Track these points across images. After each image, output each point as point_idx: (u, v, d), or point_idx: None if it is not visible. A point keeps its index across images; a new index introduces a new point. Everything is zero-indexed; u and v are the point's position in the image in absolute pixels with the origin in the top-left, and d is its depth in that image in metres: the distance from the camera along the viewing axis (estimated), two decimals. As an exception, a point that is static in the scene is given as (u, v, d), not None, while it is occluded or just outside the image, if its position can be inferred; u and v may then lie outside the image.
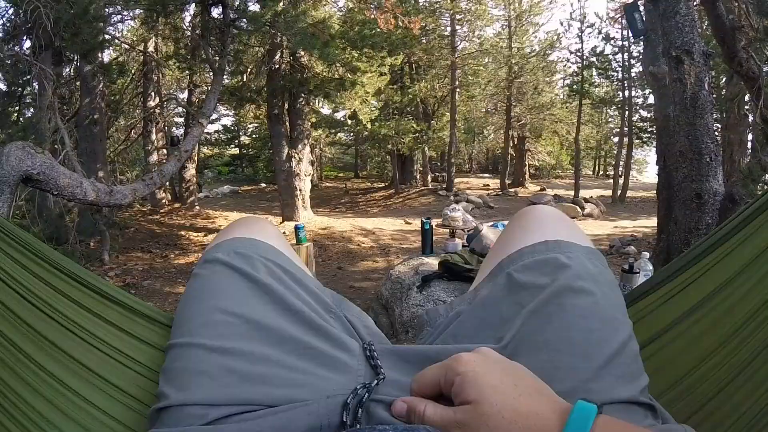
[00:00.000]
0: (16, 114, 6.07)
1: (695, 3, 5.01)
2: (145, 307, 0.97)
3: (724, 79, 11.26)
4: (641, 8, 5.37)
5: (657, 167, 6.46)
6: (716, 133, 4.92)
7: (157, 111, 13.07)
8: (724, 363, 0.87)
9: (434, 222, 4.95)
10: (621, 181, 18.80)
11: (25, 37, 5.16)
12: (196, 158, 16.42)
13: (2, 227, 0.90)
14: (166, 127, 15.70)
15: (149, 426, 0.72)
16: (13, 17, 5.21)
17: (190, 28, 9.79)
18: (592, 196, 17.45)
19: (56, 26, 4.69)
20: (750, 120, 9.09)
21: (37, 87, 5.09)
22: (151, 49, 12.48)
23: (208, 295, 0.82)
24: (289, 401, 0.68)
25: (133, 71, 12.49)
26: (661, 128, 5.58)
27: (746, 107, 8.91)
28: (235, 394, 0.68)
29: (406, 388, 0.67)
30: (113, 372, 0.85)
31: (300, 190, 12.43)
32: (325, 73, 11.67)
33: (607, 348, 0.69)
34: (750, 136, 9.45)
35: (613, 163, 22.12)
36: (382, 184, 24.43)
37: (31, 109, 5.53)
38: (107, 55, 12.18)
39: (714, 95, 4.87)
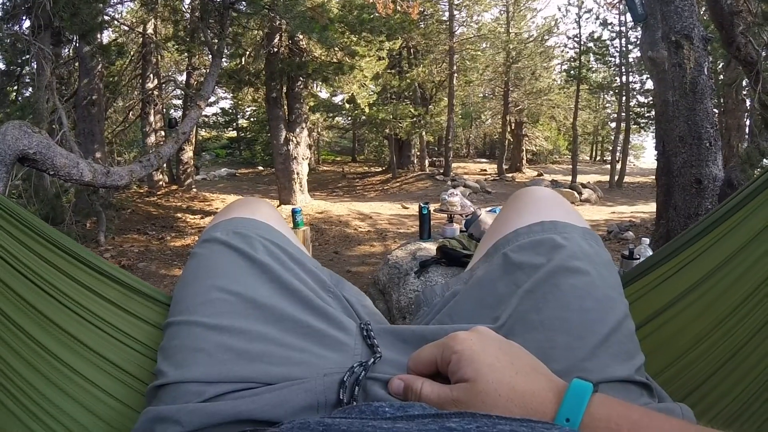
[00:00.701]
0: (14, 94, 6.05)
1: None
2: (144, 286, 0.97)
3: (722, 64, 11.26)
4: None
5: (656, 152, 6.46)
6: (715, 118, 4.90)
7: (156, 93, 13.01)
8: (720, 343, 0.88)
9: (432, 207, 4.95)
10: (618, 166, 18.82)
11: (24, 17, 5.13)
12: (193, 141, 16.37)
13: (1, 204, 0.89)
14: (164, 109, 15.64)
15: (147, 403, 0.72)
16: None
17: (189, 10, 9.72)
18: (589, 182, 17.49)
19: (55, 6, 4.66)
20: (748, 105, 9.10)
21: (35, 67, 5.06)
22: (150, 31, 12.41)
23: (206, 273, 0.83)
24: (285, 379, 0.68)
25: (132, 53, 12.41)
26: (660, 113, 5.57)
27: (743, 92, 8.93)
28: (233, 372, 0.68)
29: (403, 367, 0.69)
30: (111, 350, 0.86)
31: (297, 173, 12.41)
32: (323, 57, 11.63)
33: (603, 327, 0.69)
34: (748, 122, 9.48)
35: (611, 148, 22.13)
36: (380, 169, 24.40)
37: (30, 89, 5.51)
38: (106, 36, 12.14)
39: (712, 80, 4.85)
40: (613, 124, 23.54)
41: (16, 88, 5.98)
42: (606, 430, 0.49)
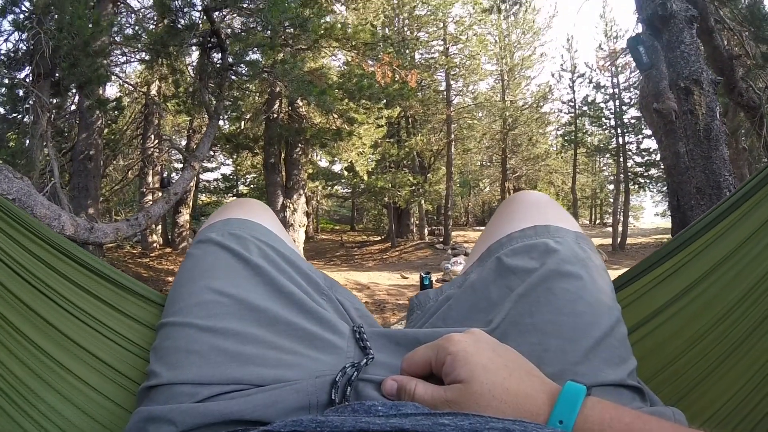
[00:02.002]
0: (13, 141, 6.03)
1: (696, 33, 5.00)
2: (138, 286, 0.97)
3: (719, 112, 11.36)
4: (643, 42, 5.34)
5: (663, 210, 6.34)
6: (730, 165, 4.79)
7: (155, 153, 13.08)
8: (716, 344, 0.89)
9: (434, 276, 4.75)
10: (619, 228, 18.81)
11: (26, 65, 5.18)
12: (191, 204, 16.40)
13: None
14: (163, 170, 15.74)
15: (138, 404, 0.72)
16: (16, 41, 5.27)
17: (192, 72, 9.88)
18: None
19: (54, 54, 4.68)
20: (747, 153, 9.08)
21: (32, 115, 5.06)
22: (153, 92, 12.61)
23: (200, 274, 0.83)
24: (278, 381, 0.68)
25: (134, 113, 12.61)
26: (671, 167, 5.47)
27: (742, 140, 8.92)
28: (226, 373, 0.68)
29: (396, 369, 0.69)
30: (104, 349, 0.86)
31: (294, 240, 12.18)
32: (322, 123, 11.76)
33: (595, 331, 0.70)
34: (748, 171, 9.44)
35: (610, 210, 22.28)
36: (379, 238, 24.47)
37: (28, 138, 5.52)
38: (111, 94, 12.37)
39: (725, 125, 4.80)
40: (612, 186, 23.76)
41: (15, 136, 5.99)
42: (601, 426, 0.50)
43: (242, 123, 12.04)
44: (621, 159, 20.06)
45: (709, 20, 5.17)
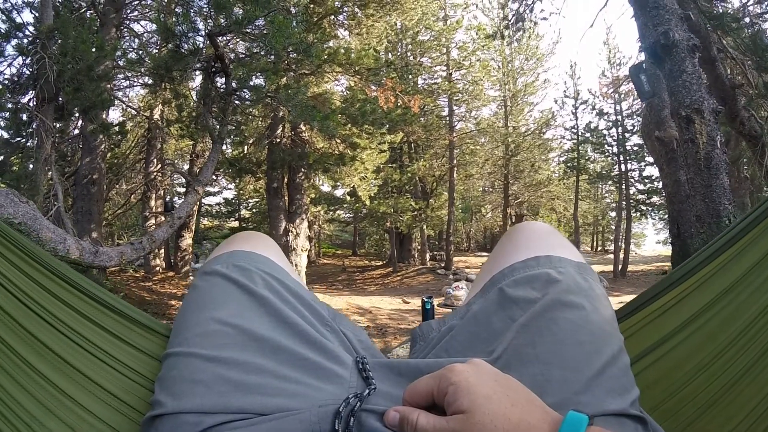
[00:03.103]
0: (17, 165, 6.06)
1: (698, 62, 5.03)
2: (144, 317, 0.98)
3: (722, 140, 11.38)
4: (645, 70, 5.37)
5: (664, 237, 6.32)
6: (730, 194, 4.79)
7: (158, 178, 13.13)
8: (720, 373, 0.89)
9: (435, 300, 4.74)
10: (621, 255, 18.74)
11: (30, 89, 5.22)
12: (194, 228, 16.40)
13: (2, 232, 0.90)
14: (166, 195, 15.78)
15: None
16: (20, 66, 5.30)
17: (195, 98, 9.95)
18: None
19: (59, 79, 4.72)
20: (748, 183, 9.06)
21: (36, 139, 5.09)
22: (156, 116, 12.70)
23: (205, 305, 0.84)
24: (281, 410, 0.69)
25: (137, 136, 12.66)
26: (672, 195, 5.43)
27: (745, 168, 8.91)
28: (229, 403, 0.69)
29: (398, 399, 0.67)
30: (109, 379, 0.86)
31: (296, 265, 12.28)
32: (325, 148, 11.79)
33: (597, 361, 0.70)
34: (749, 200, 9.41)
35: (612, 237, 22.21)
36: (380, 262, 24.46)
37: (32, 161, 5.54)
38: (114, 118, 12.46)
39: (726, 155, 4.80)
40: (614, 213, 23.75)
41: (19, 160, 6.03)
42: None
43: (245, 147, 12.09)
44: (623, 186, 20.07)
45: (711, 49, 5.21)
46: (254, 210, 28.85)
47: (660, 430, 0.73)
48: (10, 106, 5.14)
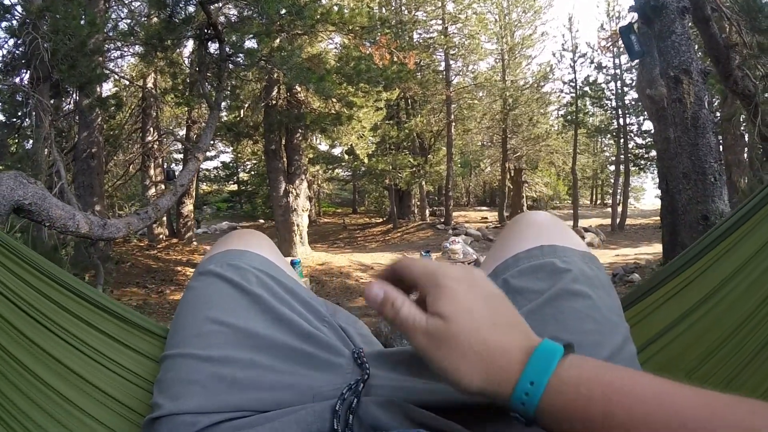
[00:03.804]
0: (15, 146, 6.09)
1: (688, 23, 5.04)
2: (143, 320, 0.98)
3: (718, 100, 11.35)
4: (636, 30, 5.38)
5: (659, 192, 6.41)
6: (718, 152, 4.86)
7: (156, 146, 13.11)
8: (729, 357, 0.88)
9: (434, 255, 4.85)
10: (619, 209, 18.83)
11: (24, 69, 5.21)
12: (194, 194, 16.44)
13: (1, 240, 0.91)
14: (164, 163, 15.76)
15: None
16: (12, 48, 5.27)
17: (188, 65, 9.88)
18: (591, 225, 17.49)
19: (53, 58, 4.71)
20: (746, 140, 9.12)
21: (34, 118, 5.11)
22: (150, 84, 12.60)
23: (200, 306, 0.83)
24: (277, 404, 0.69)
25: (131, 106, 12.59)
26: (662, 151, 5.53)
27: (741, 127, 8.95)
28: (225, 401, 0.69)
29: (396, 387, 0.71)
30: (109, 383, 0.86)
31: (297, 225, 12.39)
32: (321, 108, 11.75)
33: (603, 350, 0.68)
34: (746, 156, 9.47)
35: (611, 191, 22.21)
36: (380, 219, 24.49)
37: (30, 141, 5.56)
38: (107, 90, 12.34)
39: (713, 114, 4.86)
40: (613, 167, 23.72)
41: (16, 140, 6.04)
42: (575, 395, 0.46)
43: (241, 111, 12.02)
44: (622, 140, 20.02)
45: (705, 9, 5.20)
46: (252, 172, 28.75)
47: None
48: (4, 87, 5.15)
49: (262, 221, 25.33)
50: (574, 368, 0.47)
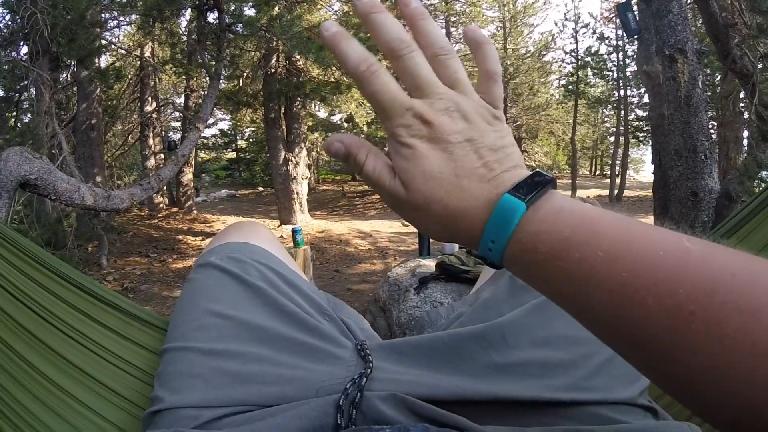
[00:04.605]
0: (13, 120, 6.10)
1: (688, 1, 5.04)
2: (143, 312, 0.98)
3: (719, 76, 11.31)
4: (634, 7, 5.39)
5: (653, 166, 6.47)
6: (712, 131, 4.91)
7: (154, 116, 13.07)
8: None
9: None
10: (618, 180, 18.83)
11: (22, 43, 5.20)
12: (193, 163, 16.40)
13: (1, 233, 0.91)
14: (163, 132, 15.70)
15: (143, 429, 0.72)
16: (10, 23, 5.25)
17: (186, 33, 9.80)
18: (589, 196, 17.45)
19: (53, 32, 4.70)
20: (745, 117, 9.12)
21: (34, 92, 5.11)
22: (147, 54, 12.49)
23: (200, 299, 0.83)
24: (280, 398, 0.69)
25: (129, 76, 12.49)
26: (656, 127, 5.59)
27: (741, 104, 8.95)
28: (228, 395, 0.69)
29: (400, 379, 0.69)
30: (111, 376, 0.86)
31: (297, 193, 12.40)
32: (320, 77, 11.67)
33: (608, 348, 0.64)
34: (745, 133, 9.49)
35: (610, 162, 22.15)
36: (380, 187, 24.39)
37: (29, 115, 5.56)
38: (104, 61, 12.22)
39: (709, 93, 4.89)
40: (612, 138, 23.64)
41: (15, 114, 6.04)
42: (533, 253, 0.42)
43: (240, 80, 11.94)
44: (622, 112, 19.91)
45: (706, -13, 5.20)
46: (251, 140, 28.52)
47: (670, 419, 0.71)
48: (4, 63, 5.13)
49: (261, 189, 25.25)
50: (532, 223, 0.43)
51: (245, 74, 11.68)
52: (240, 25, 8.14)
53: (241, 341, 0.75)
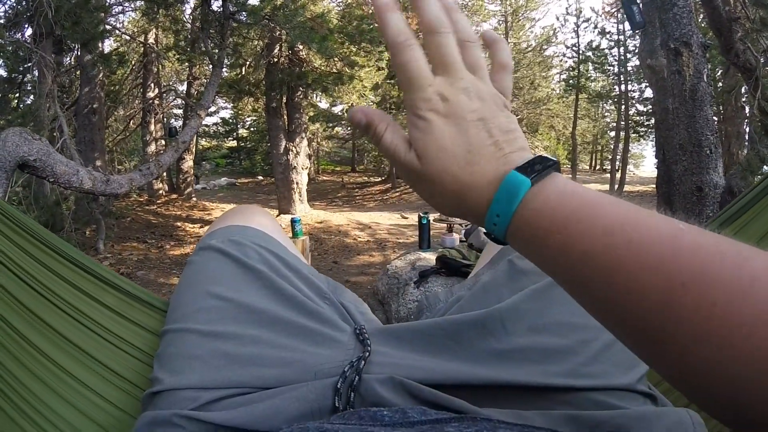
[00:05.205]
0: (16, 101, 6.08)
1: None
2: (143, 293, 0.98)
3: (720, 71, 11.29)
4: (638, 0, 5.36)
5: (656, 161, 6.46)
6: (714, 125, 4.90)
7: (156, 102, 13.06)
8: None
9: (431, 216, 4.89)
10: (618, 175, 18.84)
11: (26, 25, 5.18)
12: (193, 150, 16.42)
13: (2, 210, 0.91)
14: (165, 119, 15.68)
15: (142, 410, 0.72)
16: (15, 4, 5.23)
17: (190, 20, 9.78)
18: (589, 191, 17.44)
19: (57, 14, 4.68)
20: (747, 112, 9.11)
21: (37, 74, 5.10)
22: (151, 40, 12.49)
23: (200, 281, 0.83)
24: (278, 381, 0.69)
25: (133, 62, 12.48)
26: (660, 121, 5.56)
27: (743, 99, 8.93)
28: (227, 377, 0.69)
29: (398, 363, 0.70)
30: (110, 356, 0.86)
31: (297, 183, 12.40)
32: (323, 67, 11.66)
33: (606, 334, 0.63)
34: (747, 128, 9.47)
35: (610, 157, 22.17)
36: (379, 179, 24.44)
37: (31, 97, 5.55)
38: (108, 46, 12.21)
39: (711, 87, 4.88)
40: (613, 133, 23.66)
41: (17, 95, 6.03)
42: (537, 227, 0.44)
43: (243, 69, 11.92)
44: (623, 107, 19.92)
45: (709, -20, 5.19)
46: (252, 129, 28.55)
47: (669, 405, 0.71)
48: (7, 43, 5.12)
49: (260, 178, 25.30)
50: (537, 200, 0.45)
51: (248, 63, 11.67)
52: (244, 13, 8.12)
53: (240, 323, 0.75)
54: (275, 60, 11.58)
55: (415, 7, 0.53)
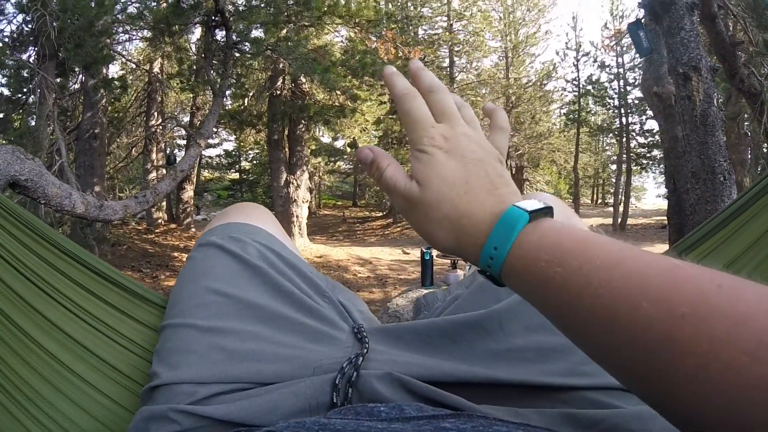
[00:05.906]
0: (18, 122, 6.09)
1: (697, 19, 5.02)
2: (143, 289, 0.98)
3: (722, 98, 11.34)
4: (644, 26, 5.35)
5: (664, 191, 6.39)
6: (726, 151, 4.83)
7: (159, 131, 13.12)
8: None
9: (434, 252, 4.80)
10: (621, 208, 18.86)
11: (31, 46, 5.22)
12: (195, 180, 16.45)
13: (3, 205, 0.90)
14: (167, 148, 15.75)
15: (141, 405, 0.72)
16: (20, 24, 5.29)
17: (194, 51, 9.87)
18: (592, 225, 17.39)
19: (60, 36, 4.71)
20: (749, 139, 9.10)
21: (38, 95, 5.11)
22: (156, 69, 12.60)
23: (200, 276, 0.84)
24: (276, 376, 0.69)
25: (137, 90, 12.60)
26: (669, 150, 5.49)
27: (746, 125, 8.93)
28: (224, 372, 0.69)
29: (396, 360, 0.71)
30: (111, 352, 0.87)
31: (297, 216, 12.40)
32: (325, 100, 11.76)
33: None
34: (750, 156, 9.46)
35: (612, 191, 22.26)
36: (380, 213, 24.50)
37: (33, 118, 5.57)
38: (114, 72, 12.36)
39: (722, 112, 4.84)
40: (614, 166, 23.79)
41: (20, 116, 6.05)
42: (534, 260, 0.45)
43: (245, 100, 12.03)
44: (624, 139, 20.05)
45: (712, 6, 5.18)
46: (254, 161, 28.74)
47: None
48: (11, 63, 5.15)
49: (262, 211, 25.35)
50: (535, 233, 0.47)
51: (251, 94, 11.76)
52: (247, 44, 8.20)
53: (239, 319, 0.76)
54: (278, 92, 11.69)
55: (415, 77, 0.60)
